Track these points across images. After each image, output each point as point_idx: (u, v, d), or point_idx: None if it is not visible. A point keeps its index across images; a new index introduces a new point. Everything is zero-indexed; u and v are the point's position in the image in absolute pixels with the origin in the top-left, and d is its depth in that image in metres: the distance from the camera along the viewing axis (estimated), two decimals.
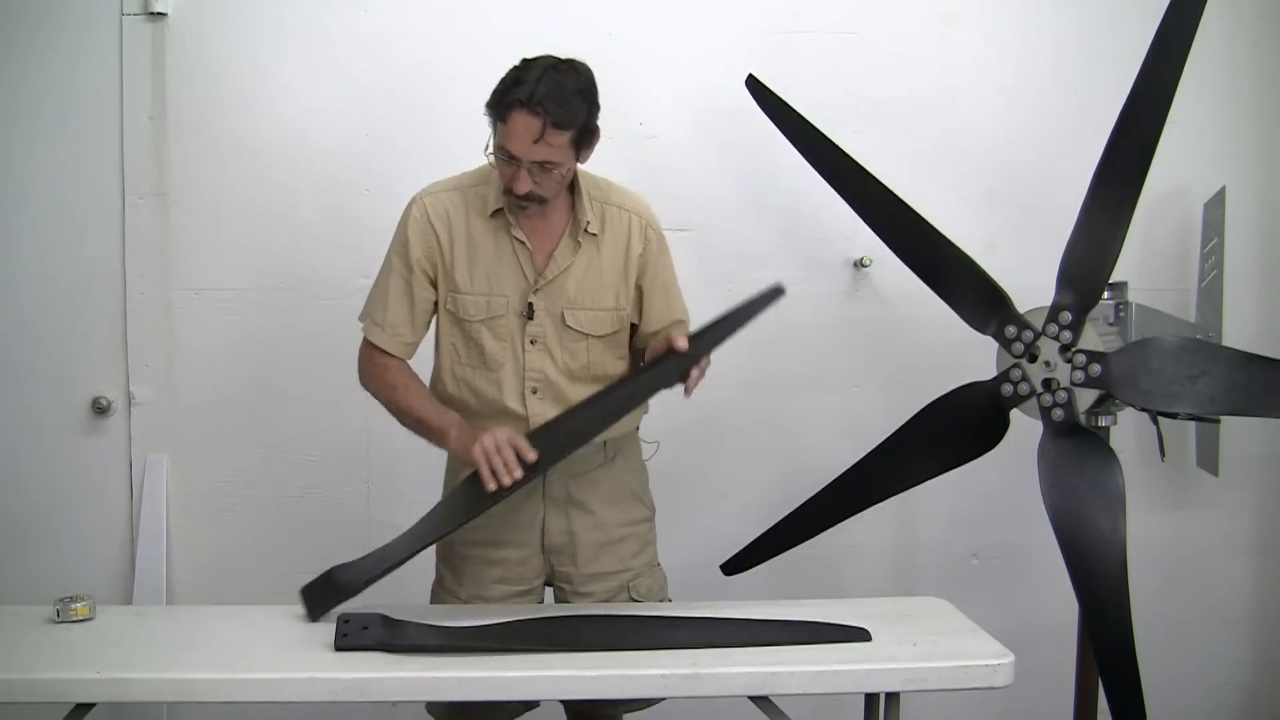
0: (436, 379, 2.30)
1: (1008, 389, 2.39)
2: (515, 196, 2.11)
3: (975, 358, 2.52)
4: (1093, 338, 2.33)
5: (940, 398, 2.46)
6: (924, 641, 1.98)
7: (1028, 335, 2.36)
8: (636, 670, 1.87)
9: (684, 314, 2.32)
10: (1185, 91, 2.20)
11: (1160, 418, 2.56)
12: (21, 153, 2.90)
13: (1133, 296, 2.57)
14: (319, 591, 2.09)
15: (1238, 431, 2.98)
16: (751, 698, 1.90)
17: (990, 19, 3.03)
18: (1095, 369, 2.30)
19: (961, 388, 2.45)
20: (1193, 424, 2.99)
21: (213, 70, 2.91)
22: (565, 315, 2.22)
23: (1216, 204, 2.94)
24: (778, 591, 2.47)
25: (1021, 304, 2.40)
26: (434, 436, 2.19)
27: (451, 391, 2.26)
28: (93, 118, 2.90)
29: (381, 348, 2.24)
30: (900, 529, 3.07)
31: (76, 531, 2.95)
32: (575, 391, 2.22)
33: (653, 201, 2.34)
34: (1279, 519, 3.18)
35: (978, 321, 2.44)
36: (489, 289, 2.21)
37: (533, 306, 2.20)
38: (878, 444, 2.50)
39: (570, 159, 2.12)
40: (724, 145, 2.99)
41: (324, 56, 2.92)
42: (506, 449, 2.03)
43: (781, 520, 2.56)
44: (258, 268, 2.95)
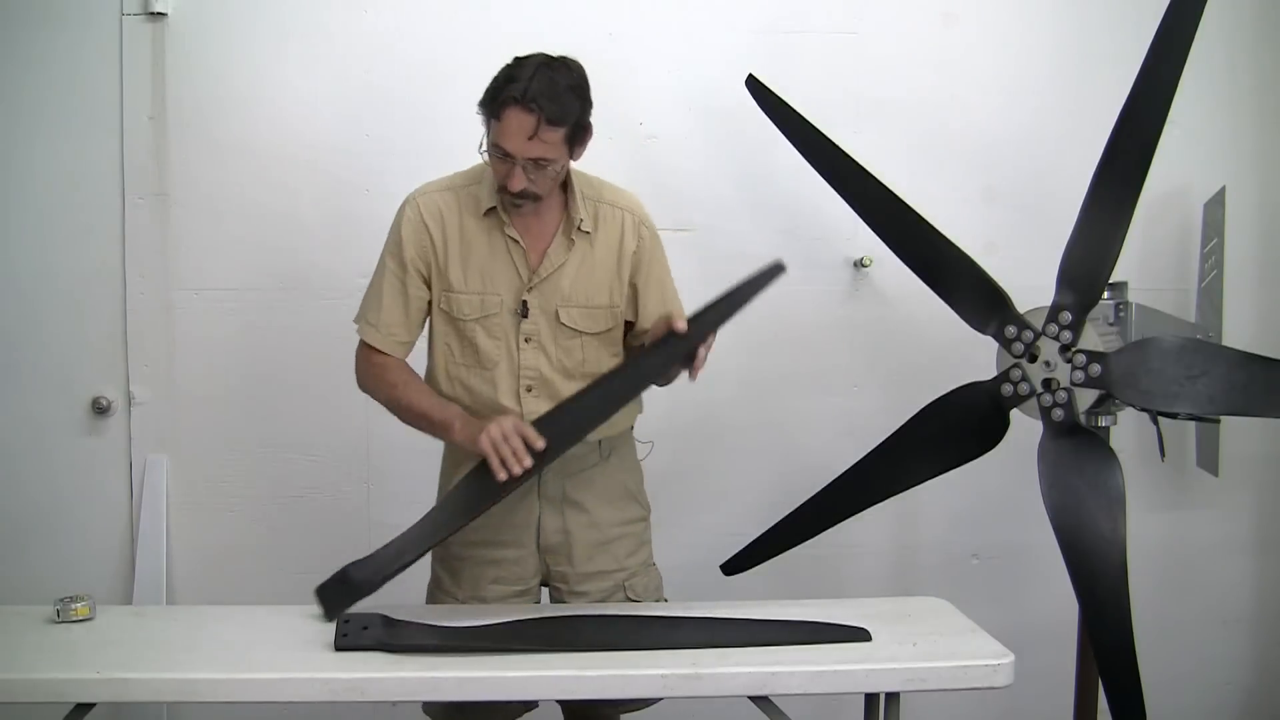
0: (430, 379, 2.29)
1: (1008, 389, 2.39)
2: (510, 194, 2.11)
3: (975, 358, 2.51)
4: (1093, 338, 2.33)
5: (940, 398, 2.45)
6: (924, 641, 1.98)
7: (1028, 335, 2.36)
8: (636, 670, 1.87)
9: (680, 309, 2.32)
10: (1185, 91, 2.20)
11: (1160, 418, 2.56)
12: (22, 153, 2.90)
13: (1133, 296, 2.57)
14: (334, 591, 2.07)
15: (1238, 431, 2.98)
16: (751, 698, 1.89)
17: (990, 19, 3.03)
18: (1095, 369, 2.30)
19: (961, 388, 2.45)
20: (1193, 424, 2.99)
21: (213, 70, 2.91)
22: (560, 313, 2.22)
23: (1216, 204, 2.94)
24: (778, 591, 2.46)
25: (1021, 304, 2.40)
26: (438, 430, 2.19)
27: (446, 391, 2.25)
28: (93, 118, 2.90)
29: (378, 348, 2.24)
30: (900, 529, 3.07)
31: (76, 531, 2.95)
32: (570, 389, 2.22)
33: (653, 201, 2.34)
34: (1279, 519, 3.18)
35: (978, 321, 2.44)
36: (483, 287, 2.21)
37: (527, 304, 2.20)
38: (878, 444, 2.50)
39: (564, 156, 2.12)
40: (724, 145, 2.99)
41: (324, 56, 2.92)
42: (514, 437, 2.03)
43: (781, 520, 2.56)
44: (257, 268, 2.95)
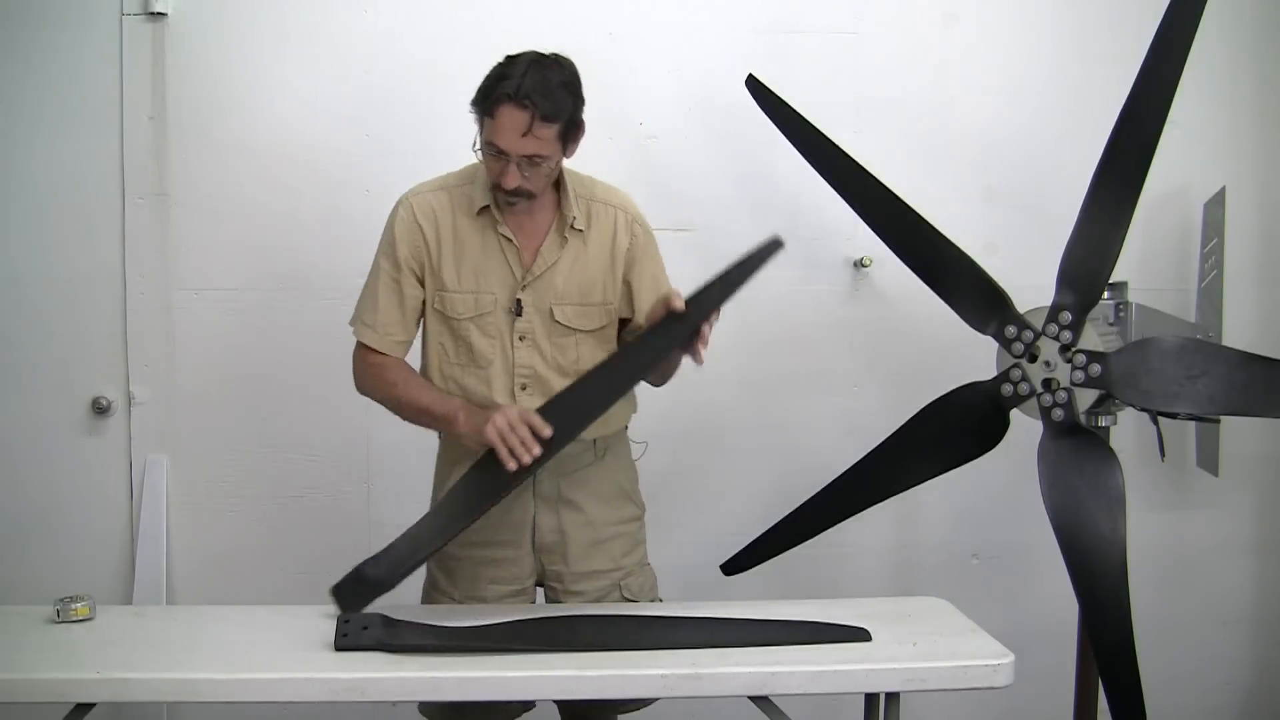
0: (425, 379, 2.29)
1: (1008, 389, 2.39)
2: (504, 192, 2.11)
3: (975, 358, 2.51)
4: (1093, 338, 2.33)
5: (940, 398, 2.45)
6: (924, 641, 1.98)
7: (1028, 335, 2.36)
8: (636, 670, 1.87)
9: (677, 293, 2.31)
10: (1185, 91, 2.20)
11: (1160, 418, 2.56)
12: (22, 153, 2.90)
13: (1133, 296, 2.57)
14: (350, 589, 2.06)
15: (1238, 431, 2.98)
16: (751, 698, 1.89)
17: (990, 19, 3.03)
18: (1095, 369, 2.30)
19: (961, 388, 2.45)
20: (1193, 424, 2.99)
21: (213, 70, 2.91)
22: (554, 311, 2.21)
23: (1216, 204, 2.94)
24: (777, 591, 2.47)
25: (1021, 304, 2.40)
26: (442, 424, 2.19)
27: None
28: (93, 118, 2.90)
29: (375, 349, 2.23)
30: (900, 529, 3.07)
31: (76, 531, 2.95)
32: (564, 386, 2.21)
33: (653, 201, 2.34)
34: (1279, 519, 3.18)
35: (978, 321, 2.44)
36: (476, 286, 2.21)
37: (521, 303, 2.20)
38: (878, 444, 2.50)
39: (558, 152, 2.12)
40: (724, 145, 2.99)
41: (324, 56, 2.92)
42: (521, 426, 2.03)
43: (781, 520, 2.55)
44: (257, 268, 2.95)
